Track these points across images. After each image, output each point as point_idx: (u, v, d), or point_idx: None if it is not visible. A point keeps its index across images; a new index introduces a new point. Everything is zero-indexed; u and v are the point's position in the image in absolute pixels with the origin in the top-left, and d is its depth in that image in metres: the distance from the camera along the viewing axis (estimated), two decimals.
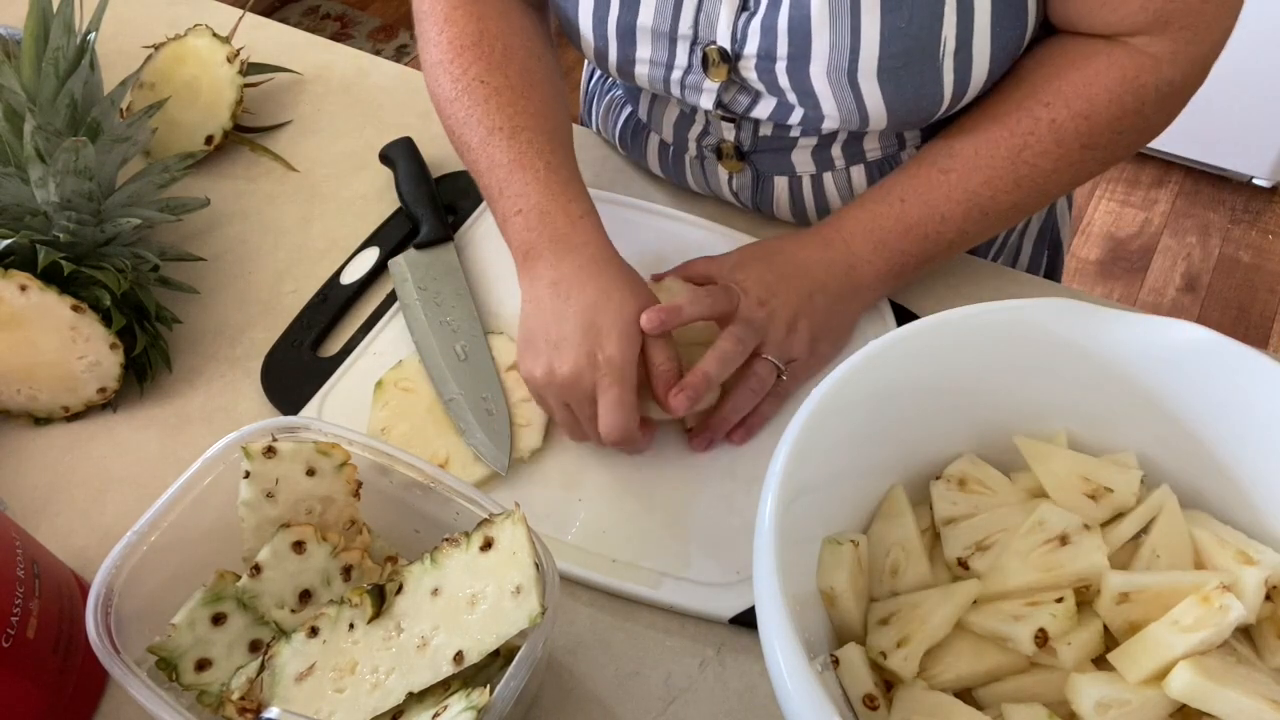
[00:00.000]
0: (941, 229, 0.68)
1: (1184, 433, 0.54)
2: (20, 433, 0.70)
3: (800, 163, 0.75)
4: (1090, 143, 0.65)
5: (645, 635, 0.60)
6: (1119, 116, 0.65)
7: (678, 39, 0.67)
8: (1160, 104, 0.65)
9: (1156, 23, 0.62)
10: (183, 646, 0.52)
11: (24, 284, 0.65)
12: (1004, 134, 0.66)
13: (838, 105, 0.66)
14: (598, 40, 0.70)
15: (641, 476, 0.66)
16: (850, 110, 0.66)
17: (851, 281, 0.68)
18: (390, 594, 0.51)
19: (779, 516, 0.46)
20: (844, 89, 0.64)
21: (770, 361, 0.66)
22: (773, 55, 0.65)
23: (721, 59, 0.66)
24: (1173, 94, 0.65)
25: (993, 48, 0.64)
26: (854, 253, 0.68)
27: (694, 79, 0.69)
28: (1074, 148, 0.65)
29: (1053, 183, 0.67)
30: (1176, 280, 2.01)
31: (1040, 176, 0.66)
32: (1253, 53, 1.79)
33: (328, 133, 0.89)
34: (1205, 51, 0.64)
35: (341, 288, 0.76)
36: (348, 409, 0.69)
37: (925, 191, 0.68)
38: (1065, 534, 0.51)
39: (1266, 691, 0.45)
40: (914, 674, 0.49)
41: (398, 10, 2.63)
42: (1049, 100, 0.65)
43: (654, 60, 0.69)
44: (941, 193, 0.67)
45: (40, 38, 0.67)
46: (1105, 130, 0.65)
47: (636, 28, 0.67)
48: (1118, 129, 0.65)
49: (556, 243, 0.64)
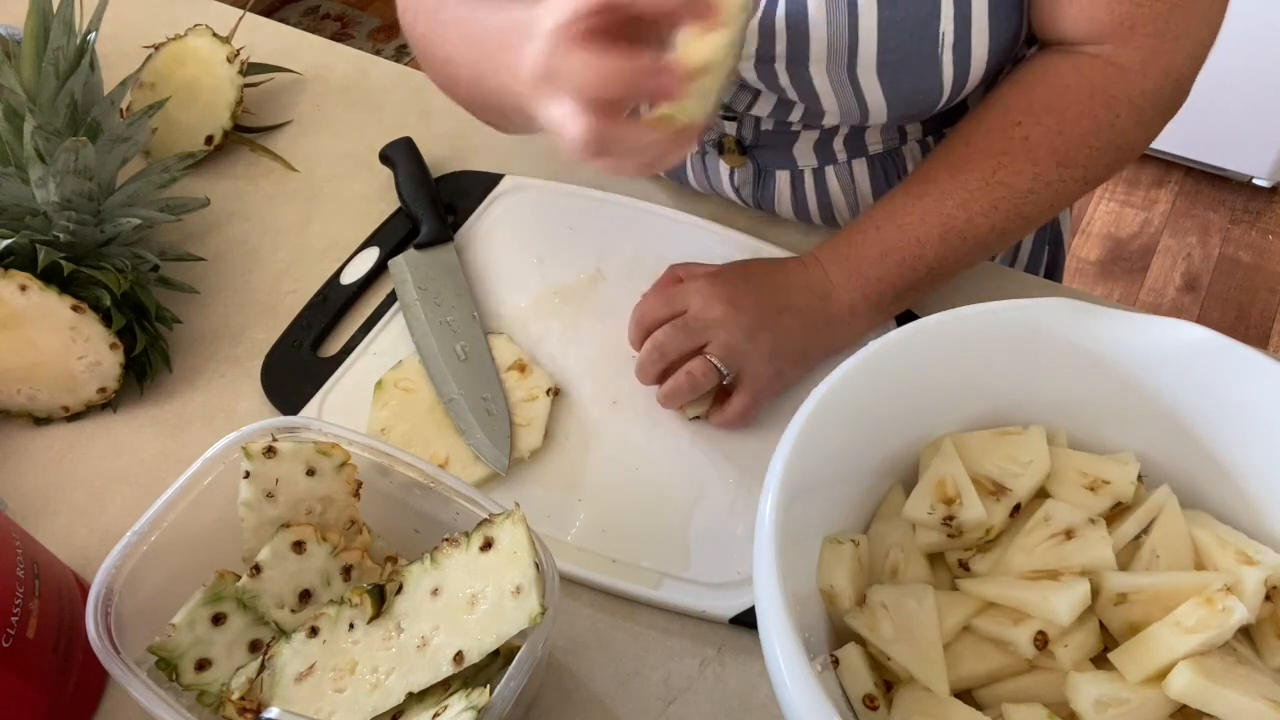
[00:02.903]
0: (919, 254, 0.66)
1: (1184, 433, 0.54)
2: (20, 433, 0.70)
3: (802, 156, 0.75)
4: (1065, 159, 0.64)
5: (645, 635, 0.60)
6: (1092, 131, 0.63)
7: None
8: (1135, 117, 0.64)
9: (1121, 29, 0.62)
10: (183, 646, 0.52)
11: (24, 284, 0.65)
12: (977, 155, 0.65)
13: (838, 101, 0.66)
14: None
15: (641, 476, 0.66)
16: (850, 105, 0.66)
17: (826, 310, 0.67)
18: (390, 594, 0.51)
19: (779, 516, 0.46)
20: (844, 85, 0.64)
21: (709, 361, 0.65)
22: (770, 55, 0.65)
23: None
24: (1147, 107, 0.64)
25: (990, 39, 0.64)
26: (829, 279, 0.67)
27: None
28: (1049, 165, 0.64)
29: (1030, 204, 0.65)
30: (1176, 280, 2.01)
31: (1017, 197, 0.65)
32: (1253, 53, 1.79)
33: (328, 133, 0.89)
34: (1179, 63, 0.63)
35: (341, 288, 0.76)
36: (348, 409, 0.69)
37: (900, 216, 0.66)
38: (1071, 528, 0.51)
39: (1266, 692, 0.45)
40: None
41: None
42: (1020, 119, 0.64)
43: None
44: (915, 217, 0.66)
45: (40, 38, 0.67)
46: (1079, 146, 0.64)
47: None
48: (1092, 144, 0.64)
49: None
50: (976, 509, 0.52)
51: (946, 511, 0.52)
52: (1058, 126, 0.63)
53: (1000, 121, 0.65)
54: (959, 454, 0.54)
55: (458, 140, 0.87)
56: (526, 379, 0.69)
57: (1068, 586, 0.49)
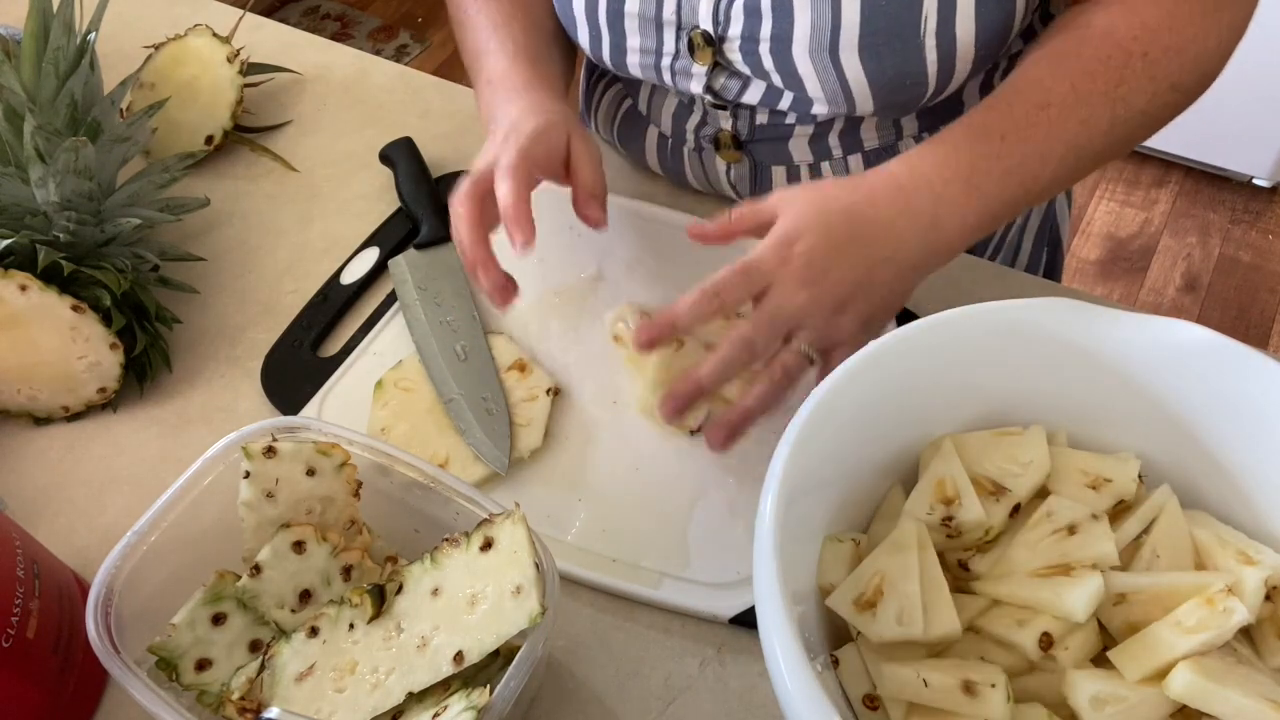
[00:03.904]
0: (1040, 172, 0.60)
1: (1184, 433, 0.54)
2: (20, 433, 0.70)
3: (798, 152, 0.75)
4: (1178, 82, 0.61)
5: (645, 635, 0.60)
6: (1201, 56, 0.62)
7: (663, 24, 0.68)
8: (1232, 44, 0.63)
9: None
10: (183, 646, 0.52)
11: (24, 284, 0.65)
12: (1098, 68, 0.60)
13: (821, 85, 0.66)
14: (590, 28, 0.71)
15: (641, 476, 0.66)
16: (834, 89, 0.66)
17: (930, 241, 0.59)
18: (390, 594, 0.51)
19: (779, 516, 0.46)
20: (826, 67, 0.65)
21: (802, 353, 0.59)
22: (756, 36, 0.65)
23: (706, 42, 0.67)
24: (1234, 38, 0.63)
25: (977, 27, 0.63)
26: (941, 200, 0.59)
27: (682, 64, 0.70)
28: (1164, 87, 0.61)
29: (1139, 127, 0.62)
30: (1176, 280, 2.01)
31: (1132, 116, 0.61)
32: (1253, 53, 1.78)
33: (328, 133, 0.89)
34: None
35: (341, 288, 0.76)
36: (348, 409, 0.69)
37: (1026, 128, 0.60)
38: (1074, 524, 0.51)
39: (1266, 692, 0.45)
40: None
41: (398, 10, 2.63)
42: (1137, 34, 0.60)
43: (644, 49, 0.70)
44: (1042, 130, 0.60)
45: (40, 38, 0.67)
46: (1191, 69, 0.62)
47: (624, 14, 0.69)
48: (1201, 69, 0.62)
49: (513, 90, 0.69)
50: (976, 509, 0.52)
51: (946, 512, 0.52)
52: (1177, 45, 0.61)
53: (1115, 35, 0.61)
54: (959, 454, 0.54)
55: (458, 140, 0.87)
56: (526, 379, 0.69)
57: (1081, 581, 0.49)
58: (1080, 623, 0.48)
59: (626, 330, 0.71)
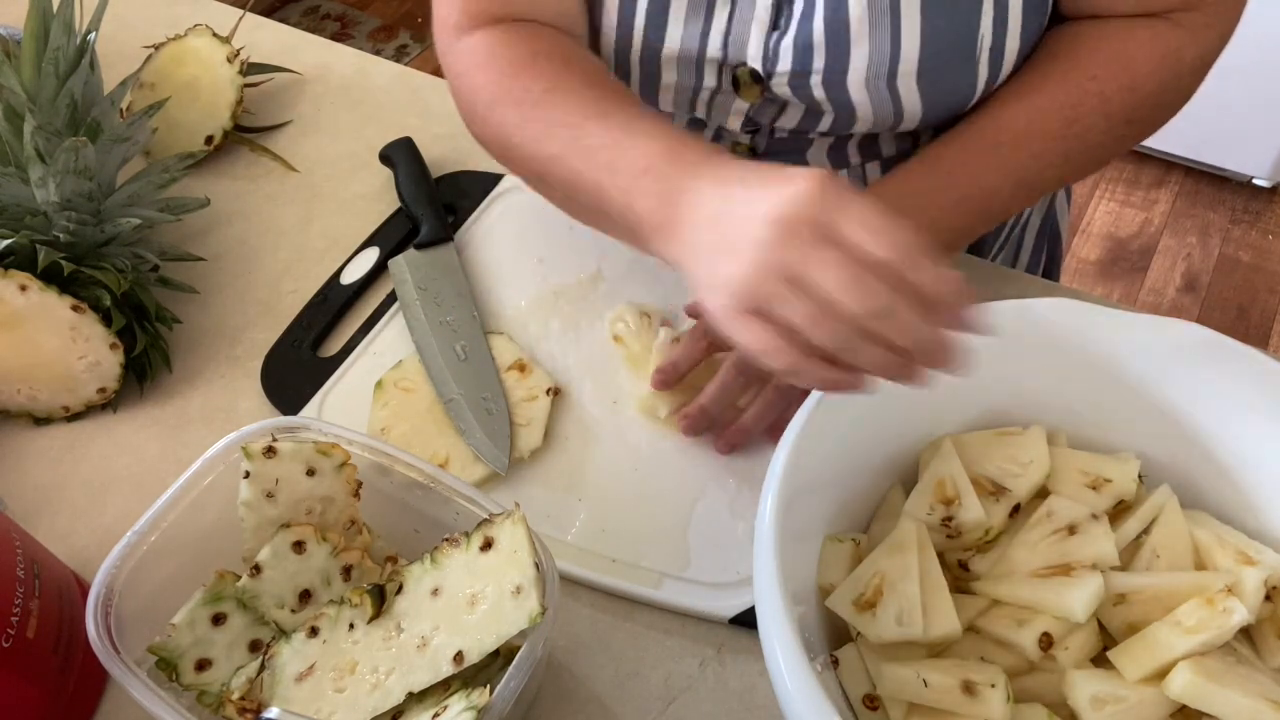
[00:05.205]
0: (989, 205, 0.65)
1: (1184, 433, 0.54)
2: (20, 433, 0.70)
3: (815, 162, 0.74)
4: (1134, 116, 0.64)
5: (645, 635, 0.60)
6: (1160, 90, 0.64)
7: (705, 64, 0.66)
8: (1194, 77, 0.65)
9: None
10: (183, 646, 0.52)
11: (24, 284, 0.65)
12: (1053, 106, 0.64)
13: (874, 110, 0.65)
14: (620, 69, 0.69)
15: (641, 476, 0.66)
16: (886, 113, 0.66)
17: None
18: (390, 594, 0.51)
19: (779, 516, 0.46)
20: (881, 94, 0.64)
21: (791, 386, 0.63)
22: (808, 70, 0.64)
23: (754, 80, 0.65)
24: (1202, 68, 0.65)
25: (1022, 40, 0.64)
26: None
27: (722, 99, 0.68)
28: (1119, 122, 0.64)
29: (1094, 158, 0.66)
30: (1176, 280, 2.01)
31: (1087, 151, 0.65)
32: (1252, 53, 1.79)
33: (328, 133, 0.89)
34: (1230, 27, 0.64)
35: (341, 288, 0.76)
36: (348, 409, 0.69)
37: (975, 164, 0.65)
38: (1074, 524, 0.51)
39: (1266, 692, 0.45)
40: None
41: (398, 10, 2.63)
42: (1095, 74, 0.64)
43: (680, 86, 0.68)
44: (992, 166, 0.65)
45: (40, 38, 0.67)
46: (1148, 104, 0.64)
47: (661, 55, 0.66)
48: (1159, 102, 0.65)
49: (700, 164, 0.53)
50: (975, 510, 0.52)
51: (946, 512, 0.52)
52: (1131, 84, 0.63)
53: (1074, 75, 0.64)
54: (959, 454, 0.54)
55: (458, 140, 0.87)
56: (526, 379, 0.69)
57: (1081, 581, 0.49)
58: (1080, 623, 0.49)
59: (626, 330, 0.71)
